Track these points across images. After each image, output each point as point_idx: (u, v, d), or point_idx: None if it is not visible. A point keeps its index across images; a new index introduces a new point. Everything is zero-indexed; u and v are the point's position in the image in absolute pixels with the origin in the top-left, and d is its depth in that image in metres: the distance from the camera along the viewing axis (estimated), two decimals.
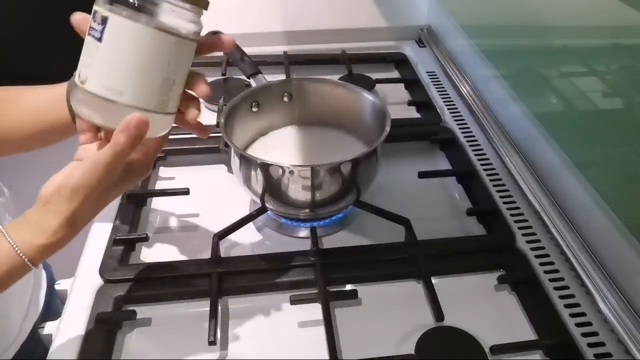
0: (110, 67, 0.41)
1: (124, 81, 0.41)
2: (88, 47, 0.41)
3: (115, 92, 0.41)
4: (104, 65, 0.41)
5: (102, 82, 0.41)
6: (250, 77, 0.72)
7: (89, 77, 0.41)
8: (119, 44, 0.40)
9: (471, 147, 0.79)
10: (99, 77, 0.41)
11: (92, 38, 0.40)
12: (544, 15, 0.71)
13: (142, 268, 0.59)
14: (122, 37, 0.40)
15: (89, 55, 0.41)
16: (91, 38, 0.40)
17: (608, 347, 0.52)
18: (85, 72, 0.41)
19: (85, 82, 0.41)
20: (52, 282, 0.75)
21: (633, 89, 0.54)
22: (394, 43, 1.09)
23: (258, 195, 0.61)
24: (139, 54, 0.41)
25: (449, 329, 0.54)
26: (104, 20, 0.39)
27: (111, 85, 0.41)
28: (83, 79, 0.41)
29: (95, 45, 0.40)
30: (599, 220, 0.58)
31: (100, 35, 0.40)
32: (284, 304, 0.56)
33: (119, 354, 0.53)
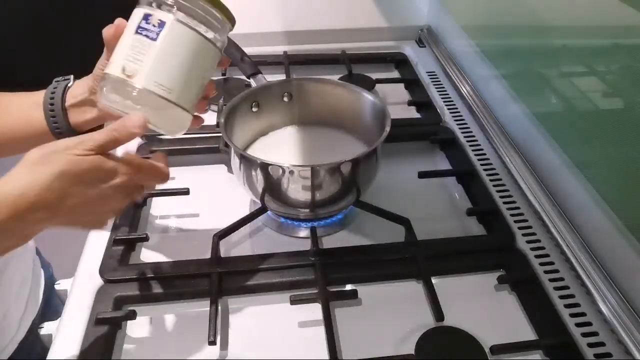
0: (163, 65, 0.44)
1: (173, 80, 0.45)
2: (136, 43, 0.44)
3: (164, 89, 0.44)
4: (156, 63, 0.44)
5: (152, 78, 0.44)
6: (250, 77, 0.72)
7: (137, 72, 0.43)
8: (175, 46, 0.44)
9: (471, 147, 0.79)
10: (150, 73, 0.44)
11: (144, 37, 0.43)
12: (544, 15, 0.71)
13: (142, 268, 0.59)
14: (178, 41, 0.44)
15: (137, 51, 0.43)
16: (142, 37, 0.43)
17: (608, 347, 0.52)
18: (133, 66, 0.43)
19: (134, 76, 0.43)
20: (51, 281, 0.75)
21: (633, 89, 0.54)
22: (394, 43, 1.09)
23: (258, 195, 0.61)
24: (190, 59, 0.45)
25: (449, 329, 0.54)
26: (162, 24, 0.43)
27: (162, 82, 0.44)
28: (130, 73, 0.43)
29: (147, 44, 0.43)
30: (599, 220, 0.58)
31: (157, 35, 0.43)
32: (284, 304, 0.56)
33: (119, 354, 0.53)
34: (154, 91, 0.44)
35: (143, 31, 0.43)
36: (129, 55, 0.44)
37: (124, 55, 0.44)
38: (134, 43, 0.44)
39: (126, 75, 0.43)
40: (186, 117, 0.47)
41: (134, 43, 0.44)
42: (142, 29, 0.43)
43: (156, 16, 0.43)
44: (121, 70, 0.43)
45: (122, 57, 0.44)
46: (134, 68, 0.43)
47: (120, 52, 0.44)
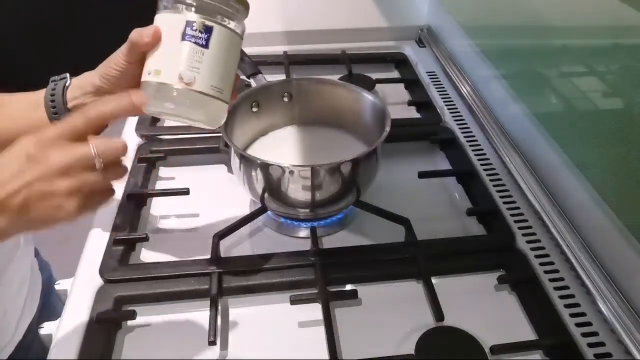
0: (216, 69, 0.46)
1: (223, 80, 0.47)
2: (187, 51, 0.45)
3: (218, 90, 0.47)
4: (211, 68, 0.46)
5: (209, 82, 0.46)
6: (250, 77, 0.72)
7: (196, 79, 0.45)
8: (222, 50, 0.46)
9: (471, 147, 0.79)
10: (206, 78, 0.46)
11: (195, 45, 0.45)
12: (544, 15, 0.71)
13: (142, 268, 0.59)
14: (224, 44, 0.47)
15: (191, 59, 0.45)
16: (191, 44, 0.45)
17: (608, 347, 0.52)
18: (191, 74, 0.45)
19: (193, 84, 0.45)
20: (49, 282, 0.75)
21: (633, 89, 0.54)
22: (394, 43, 1.09)
23: (258, 195, 0.61)
24: (232, 57, 0.48)
25: (449, 329, 0.54)
26: (209, 29, 0.45)
27: (216, 84, 0.47)
28: (189, 81, 0.45)
29: (200, 51, 0.45)
30: (599, 220, 0.58)
31: (206, 42, 0.45)
32: (284, 304, 0.56)
33: (119, 354, 0.53)
34: (211, 94, 0.46)
35: (191, 39, 0.45)
36: (184, 63, 0.45)
37: (177, 64, 0.45)
38: (185, 51, 0.45)
39: (185, 83, 0.45)
40: (226, 109, 0.49)
41: (184, 51, 0.45)
42: (189, 36, 0.45)
43: (200, 22, 0.45)
44: (178, 79, 0.45)
45: (174, 66, 0.45)
46: (191, 76, 0.45)
47: (169, 60, 0.46)
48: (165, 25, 0.46)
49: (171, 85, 0.45)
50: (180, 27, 0.45)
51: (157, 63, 0.46)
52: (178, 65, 0.45)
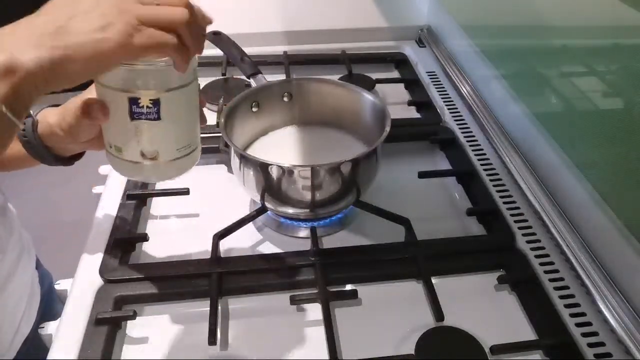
0: (177, 132, 0.45)
1: (190, 134, 0.46)
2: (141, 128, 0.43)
3: (186, 148, 0.46)
4: (172, 135, 0.45)
5: (174, 148, 0.45)
6: (250, 77, 0.72)
7: (160, 151, 0.44)
8: (178, 111, 0.44)
9: (471, 147, 0.79)
10: (170, 146, 0.45)
11: (147, 121, 0.43)
12: (544, 15, 0.71)
13: (142, 268, 0.59)
14: (177, 104, 0.44)
15: (147, 135, 0.44)
16: (142, 121, 0.43)
17: (608, 347, 0.52)
18: (151, 148, 0.44)
19: (158, 157, 0.45)
20: (50, 292, 0.74)
21: (633, 89, 0.54)
22: (394, 43, 1.09)
23: (258, 195, 0.61)
24: (192, 108, 0.46)
25: (449, 329, 0.54)
26: (156, 103, 0.42)
27: (181, 145, 0.46)
28: (153, 155, 0.44)
29: (154, 125, 0.43)
30: (599, 220, 0.58)
31: (158, 114, 0.43)
32: (284, 304, 0.56)
33: (119, 354, 0.53)
34: (180, 156, 0.46)
35: (141, 116, 0.42)
36: (140, 141, 0.44)
37: (136, 143, 0.44)
38: (139, 130, 0.43)
39: (149, 159, 0.44)
40: (199, 151, 0.49)
41: (138, 130, 0.43)
42: (137, 114, 0.42)
43: (145, 98, 0.42)
44: (141, 157, 0.44)
45: (133, 145, 0.44)
46: (153, 151, 0.44)
47: (126, 139, 0.44)
48: (109, 100, 0.43)
49: (136, 162, 0.44)
50: (125, 106, 0.42)
51: (115, 139, 0.45)
52: (137, 144, 0.44)
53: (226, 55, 0.82)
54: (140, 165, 0.45)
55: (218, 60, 0.95)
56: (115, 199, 0.68)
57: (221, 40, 0.77)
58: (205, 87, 0.92)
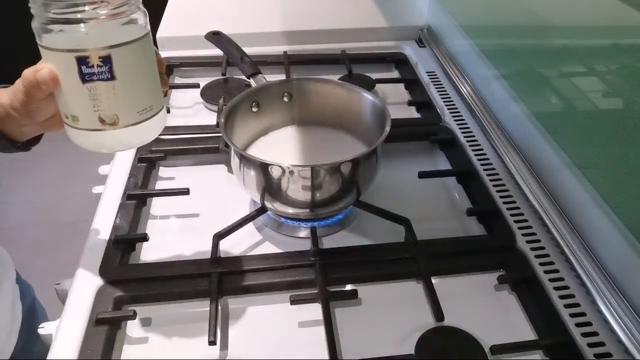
0: (136, 92, 0.42)
1: (149, 95, 0.43)
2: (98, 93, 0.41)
3: (148, 110, 0.43)
4: (131, 95, 0.42)
5: (134, 110, 0.42)
6: (250, 77, 0.72)
7: (119, 115, 0.41)
8: (133, 68, 0.41)
9: (471, 147, 0.79)
10: (130, 108, 0.42)
11: (100, 82, 0.40)
12: (544, 15, 0.71)
13: (142, 268, 0.59)
14: (132, 60, 0.41)
15: (105, 98, 0.41)
16: (97, 83, 0.40)
17: (608, 347, 0.52)
18: (110, 112, 0.41)
19: (118, 122, 0.42)
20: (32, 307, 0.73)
21: (633, 89, 0.54)
22: (394, 43, 1.09)
23: (258, 195, 0.61)
24: (148, 65, 0.43)
25: (449, 329, 0.54)
26: (107, 60, 0.39)
27: (142, 106, 0.43)
28: (112, 120, 0.41)
29: (109, 86, 0.40)
30: (599, 220, 0.58)
31: (111, 74, 0.40)
32: (284, 304, 0.56)
33: (119, 354, 0.53)
34: (141, 119, 0.43)
35: (93, 77, 0.40)
36: (96, 105, 0.41)
37: (92, 109, 0.41)
38: (92, 92, 0.40)
39: (109, 124, 0.42)
40: (164, 114, 0.46)
41: (91, 92, 0.40)
42: (89, 75, 0.40)
43: (94, 56, 0.39)
44: (99, 123, 0.41)
45: (90, 111, 0.41)
46: (112, 115, 0.41)
47: (81, 106, 0.41)
48: (57, 64, 0.40)
49: (96, 130, 0.42)
50: (74, 67, 0.39)
51: (70, 108, 0.42)
52: (93, 109, 0.41)
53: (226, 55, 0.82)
54: (100, 133, 0.42)
55: (218, 60, 0.95)
56: (115, 199, 0.68)
57: (221, 40, 0.77)
58: (205, 87, 0.92)
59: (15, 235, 1.77)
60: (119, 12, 0.39)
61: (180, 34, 1.04)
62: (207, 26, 0.80)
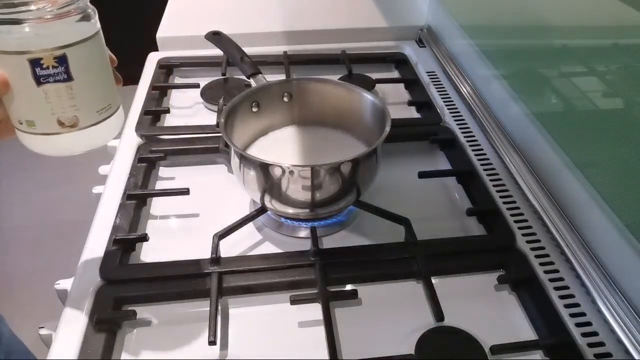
0: (94, 91, 0.41)
1: (108, 95, 0.42)
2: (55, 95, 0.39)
3: (107, 109, 0.42)
4: (89, 94, 0.41)
5: (94, 110, 0.41)
6: (250, 77, 0.72)
7: (79, 116, 0.40)
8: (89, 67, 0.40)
9: (471, 147, 0.79)
10: (89, 108, 0.41)
11: (57, 83, 0.39)
12: (544, 15, 0.71)
13: (142, 268, 0.59)
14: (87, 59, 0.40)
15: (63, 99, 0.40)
16: (54, 84, 0.39)
17: (608, 347, 0.52)
18: (69, 114, 0.40)
19: (77, 123, 0.41)
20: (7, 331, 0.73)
21: (633, 89, 0.54)
22: (394, 43, 1.09)
23: (258, 195, 0.61)
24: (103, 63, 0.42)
25: (449, 329, 0.54)
26: (63, 60, 0.38)
27: (101, 105, 0.42)
28: (72, 122, 0.40)
29: (66, 87, 0.39)
30: (599, 220, 0.58)
31: (68, 74, 0.39)
32: (284, 304, 0.56)
33: (119, 354, 0.53)
34: (101, 119, 0.42)
35: (49, 79, 0.38)
36: (56, 109, 0.40)
37: (49, 111, 0.40)
38: (50, 95, 0.39)
39: (68, 127, 0.40)
40: (121, 112, 0.46)
41: (49, 95, 0.39)
42: (44, 77, 0.38)
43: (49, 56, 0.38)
44: (59, 126, 0.40)
45: (47, 114, 0.40)
46: (71, 117, 0.40)
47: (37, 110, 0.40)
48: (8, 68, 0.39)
49: (54, 134, 0.40)
50: (27, 70, 0.38)
51: (24, 113, 0.40)
52: (50, 112, 0.40)
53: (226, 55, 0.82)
54: (59, 137, 0.41)
55: (218, 60, 0.95)
56: (115, 199, 0.68)
57: (221, 40, 0.77)
58: (205, 87, 0.92)
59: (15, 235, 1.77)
60: (66, 10, 0.38)
61: (180, 34, 1.05)
62: (207, 26, 0.80)
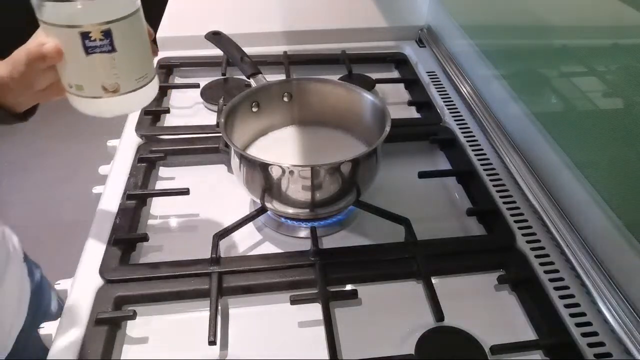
0: (133, 62, 0.47)
1: (144, 64, 0.48)
2: (100, 64, 0.45)
3: (144, 78, 0.48)
4: (129, 65, 0.46)
5: (132, 78, 0.47)
6: (250, 77, 0.72)
7: (120, 83, 0.46)
8: (130, 40, 0.46)
9: (471, 147, 0.79)
10: (129, 76, 0.47)
11: (102, 54, 0.44)
12: (544, 15, 0.71)
13: (142, 268, 0.59)
14: (129, 33, 0.45)
15: (107, 68, 0.45)
16: (100, 55, 0.44)
17: (608, 347, 0.52)
18: (112, 81, 0.46)
19: (119, 89, 0.46)
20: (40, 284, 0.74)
21: (633, 89, 0.54)
22: (394, 43, 1.09)
23: (258, 195, 0.61)
24: (142, 34, 0.48)
25: (449, 329, 0.54)
26: (108, 34, 0.44)
27: (139, 74, 0.47)
28: (114, 88, 0.46)
29: (110, 57, 0.45)
30: (599, 220, 0.58)
31: (112, 46, 0.44)
32: (284, 304, 0.56)
33: (119, 354, 0.53)
34: (139, 86, 0.48)
35: (96, 50, 0.44)
36: (101, 76, 0.46)
37: (95, 78, 0.46)
38: (96, 64, 0.45)
39: (111, 92, 0.46)
40: (156, 80, 0.51)
41: (95, 64, 0.45)
42: (92, 48, 0.44)
43: (96, 30, 0.43)
44: (103, 91, 0.46)
45: (93, 80, 0.46)
46: (113, 83, 0.46)
47: (85, 76, 0.46)
48: (61, 39, 0.44)
49: (99, 97, 0.46)
50: (77, 41, 0.43)
51: (74, 78, 0.46)
52: (96, 79, 0.45)
53: (226, 55, 0.82)
54: (102, 101, 0.46)
55: (218, 60, 0.95)
56: (115, 199, 0.68)
57: (221, 40, 0.77)
58: (205, 87, 0.92)
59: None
60: None
61: (180, 34, 1.05)
62: (207, 26, 0.80)
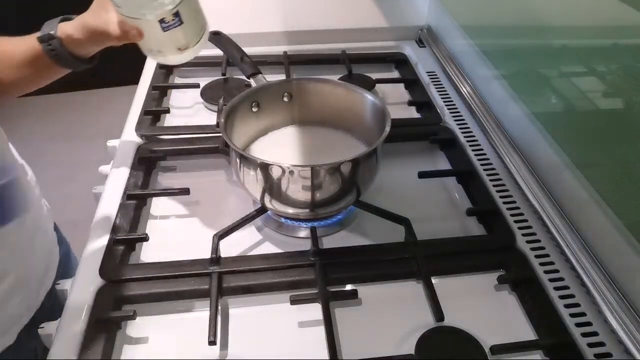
0: (195, 25, 0.59)
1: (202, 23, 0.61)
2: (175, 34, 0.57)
3: (202, 32, 0.61)
4: (192, 28, 0.59)
5: (197, 35, 0.60)
6: (250, 77, 0.72)
7: (189, 42, 0.59)
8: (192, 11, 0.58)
9: (471, 147, 0.79)
10: (195, 36, 0.60)
11: (175, 28, 0.56)
12: (544, 15, 0.71)
13: (142, 268, 0.59)
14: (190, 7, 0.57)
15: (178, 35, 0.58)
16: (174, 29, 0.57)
17: (608, 347, 0.52)
18: (185, 43, 0.59)
19: (189, 46, 0.60)
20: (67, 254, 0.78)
21: (633, 89, 0.54)
22: (394, 43, 1.09)
23: (258, 195, 0.61)
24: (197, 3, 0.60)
25: (449, 329, 0.54)
26: (177, 14, 0.56)
27: (199, 31, 0.60)
28: (186, 47, 0.59)
29: (180, 28, 0.57)
30: (599, 220, 0.58)
31: (180, 20, 0.56)
32: (284, 304, 0.56)
33: (119, 354, 0.53)
34: (200, 39, 0.61)
35: (170, 27, 0.56)
36: (174, 42, 0.59)
37: (172, 44, 0.59)
38: (172, 35, 0.57)
39: (184, 49, 0.60)
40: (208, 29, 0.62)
41: (169, 36, 0.57)
42: (167, 26, 0.56)
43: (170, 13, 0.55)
44: (177, 51, 0.60)
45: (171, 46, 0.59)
46: (185, 43, 0.59)
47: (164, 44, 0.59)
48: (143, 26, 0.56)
49: (175, 54, 0.60)
50: (156, 25, 0.56)
51: (154, 46, 0.59)
52: (172, 45, 0.59)
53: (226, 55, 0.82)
54: (177, 56, 0.61)
55: (218, 60, 0.95)
56: (115, 199, 0.68)
57: (221, 40, 0.77)
58: (205, 87, 0.92)
59: None
60: None
61: None
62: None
